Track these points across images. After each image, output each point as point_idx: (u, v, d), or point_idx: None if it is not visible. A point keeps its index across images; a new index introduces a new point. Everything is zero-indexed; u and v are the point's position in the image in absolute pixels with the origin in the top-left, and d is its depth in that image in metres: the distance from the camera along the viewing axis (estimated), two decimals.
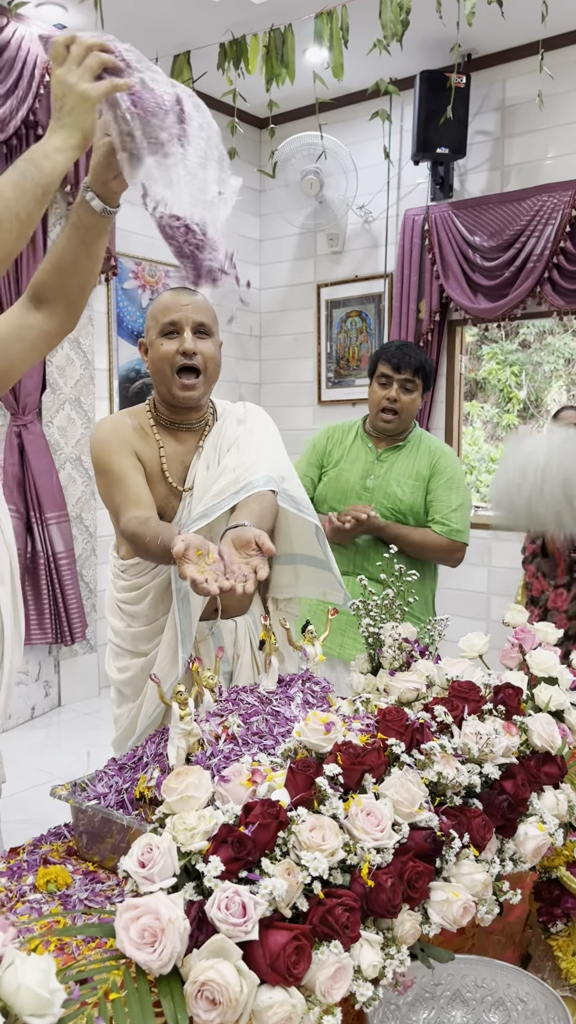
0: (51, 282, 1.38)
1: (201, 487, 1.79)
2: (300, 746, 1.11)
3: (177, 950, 0.83)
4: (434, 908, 1.04)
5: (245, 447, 1.83)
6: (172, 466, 1.83)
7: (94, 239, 1.35)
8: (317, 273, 5.10)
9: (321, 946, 0.90)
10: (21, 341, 1.37)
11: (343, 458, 2.64)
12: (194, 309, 1.76)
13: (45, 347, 1.42)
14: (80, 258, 1.36)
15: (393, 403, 2.48)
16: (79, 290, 1.40)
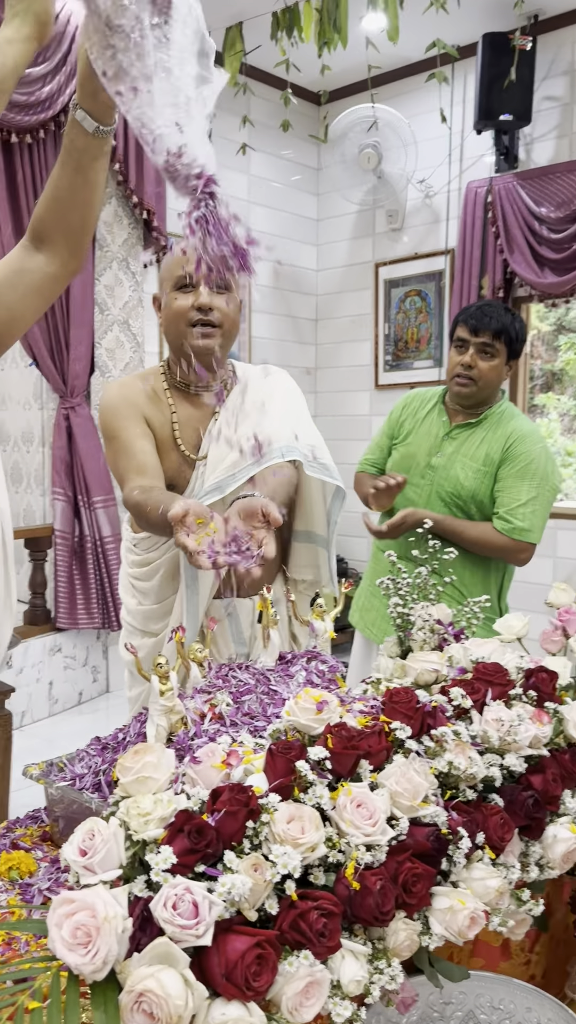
0: (49, 218, 1.27)
1: (216, 457, 1.68)
2: (291, 728, 0.98)
3: (114, 953, 0.71)
4: (436, 917, 0.90)
5: (265, 414, 1.71)
6: (185, 433, 1.72)
7: (89, 163, 1.23)
8: (376, 252, 4.93)
9: (290, 956, 0.77)
10: (22, 286, 1.27)
11: (414, 430, 2.39)
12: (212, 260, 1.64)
13: (49, 292, 1.32)
14: (77, 187, 1.25)
15: (468, 370, 2.21)
16: (80, 224, 1.29)
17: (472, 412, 2.32)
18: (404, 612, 1.56)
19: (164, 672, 1.03)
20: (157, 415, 1.71)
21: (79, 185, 1.25)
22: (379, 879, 0.84)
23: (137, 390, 1.71)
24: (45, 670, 3.87)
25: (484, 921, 0.91)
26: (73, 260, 1.32)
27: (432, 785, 0.97)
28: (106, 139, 1.25)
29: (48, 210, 1.27)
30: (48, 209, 1.27)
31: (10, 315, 1.28)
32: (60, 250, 1.29)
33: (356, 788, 0.89)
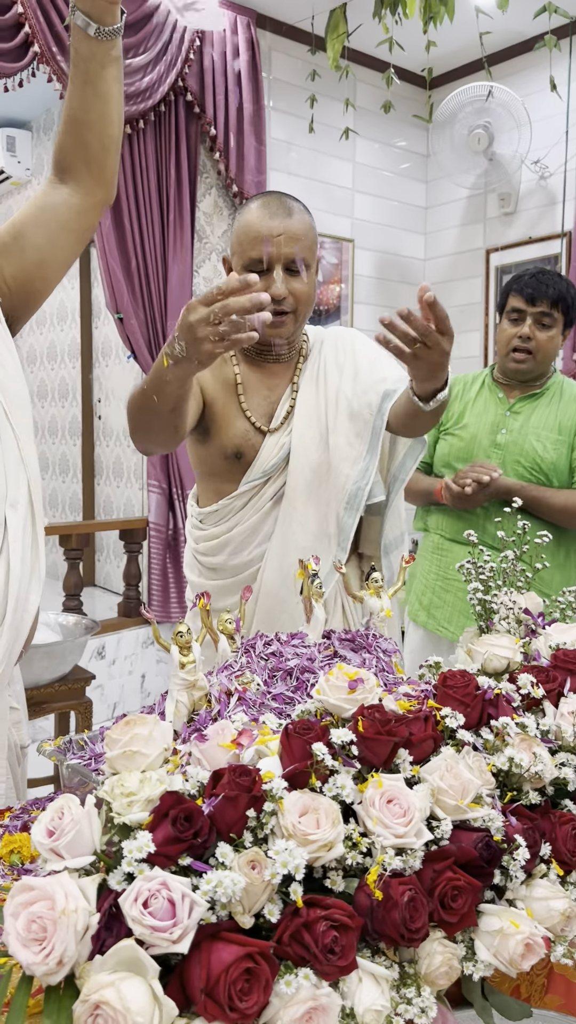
0: (67, 143, 1.19)
1: (305, 425, 1.59)
2: (321, 710, 0.85)
3: (71, 953, 0.60)
4: (483, 940, 0.75)
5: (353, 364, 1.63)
6: (253, 401, 1.62)
7: (98, 72, 1.14)
8: (487, 238, 4.71)
9: (289, 974, 0.64)
10: (49, 223, 1.20)
11: (466, 412, 2.26)
12: (288, 240, 1.49)
13: (78, 227, 1.24)
14: (88, 102, 1.16)
15: (526, 342, 2.09)
16: (99, 145, 1.20)
17: (531, 384, 2.20)
18: (485, 599, 1.40)
19: (185, 642, 0.92)
20: (219, 376, 1.61)
21: (90, 99, 1.16)
22: (409, 889, 0.69)
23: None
24: (137, 662, 3.85)
25: (543, 950, 0.75)
26: (99, 188, 1.24)
27: (488, 784, 0.82)
28: (112, 43, 1.15)
29: (65, 134, 1.19)
30: (65, 133, 1.19)
31: (40, 256, 1.20)
32: (83, 178, 1.21)
33: (388, 780, 0.75)
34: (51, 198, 1.21)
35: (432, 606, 2.29)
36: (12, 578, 1.16)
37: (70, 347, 5.55)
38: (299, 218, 1.52)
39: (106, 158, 1.23)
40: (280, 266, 1.49)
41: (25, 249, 1.26)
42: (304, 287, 1.53)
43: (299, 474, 1.59)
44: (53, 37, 3.20)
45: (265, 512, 1.62)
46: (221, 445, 1.61)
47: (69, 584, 3.58)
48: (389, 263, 4.85)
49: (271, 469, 1.60)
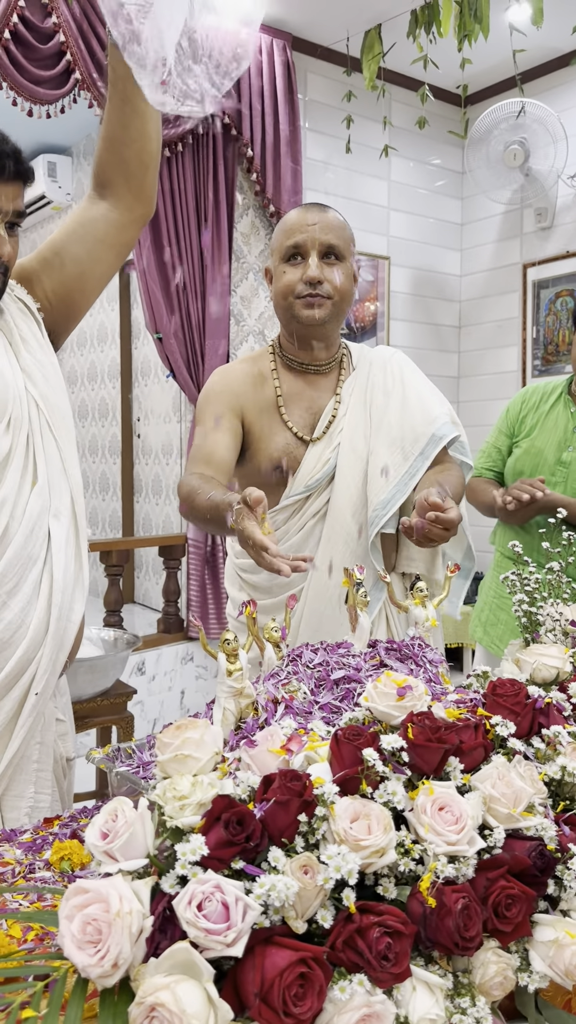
0: (107, 159, 1.23)
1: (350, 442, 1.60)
2: (369, 717, 0.85)
3: (126, 955, 0.60)
4: (537, 950, 0.74)
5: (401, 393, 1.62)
6: (294, 412, 1.63)
7: (134, 91, 1.17)
8: (523, 253, 4.70)
9: (343, 980, 0.63)
10: (89, 238, 1.23)
11: (538, 425, 2.20)
12: (322, 229, 1.55)
13: (117, 241, 1.27)
14: (127, 119, 1.19)
15: None
16: (137, 161, 1.23)
17: None
18: (531, 611, 1.39)
19: (232, 650, 0.92)
20: (261, 397, 1.62)
21: (128, 116, 1.19)
22: (462, 897, 0.69)
23: (241, 374, 1.64)
24: (177, 678, 3.86)
25: None
26: (138, 204, 1.27)
27: (540, 793, 0.81)
28: None
29: (104, 151, 1.23)
30: (104, 150, 1.23)
31: (80, 270, 1.23)
32: (122, 193, 1.24)
33: (439, 788, 0.74)
34: (90, 213, 1.24)
35: (488, 623, 2.27)
36: (56, 589, 1.17)
37: (110, 367, 5.62)
38: (333, 215, 1.59)
39: (145, 174, 1.26)
40: (316, 252, 1.55)
41: (65, 263, 1.29)
42: (340, 277, 1.57)
43: (344, 491, 1.59)
44: (94, 64, 3.27)
45: (308, 530, 1.61)
46: (264, 459, 1.62)
47: (110, 600, 3.61)
48: (425, 280, 4.86)
49: (314, 484, 1.60)
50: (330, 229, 1.56)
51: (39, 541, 1.21)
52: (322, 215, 1.57)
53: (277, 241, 1.59)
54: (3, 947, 0.72)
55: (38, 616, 1.21)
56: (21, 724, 1.22)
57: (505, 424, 2.30)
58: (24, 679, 1.21)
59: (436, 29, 3.63)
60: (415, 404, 1.63)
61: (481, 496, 2.23)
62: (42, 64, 3.19)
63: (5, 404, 1.17)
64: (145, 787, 0.90)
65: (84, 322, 5.88)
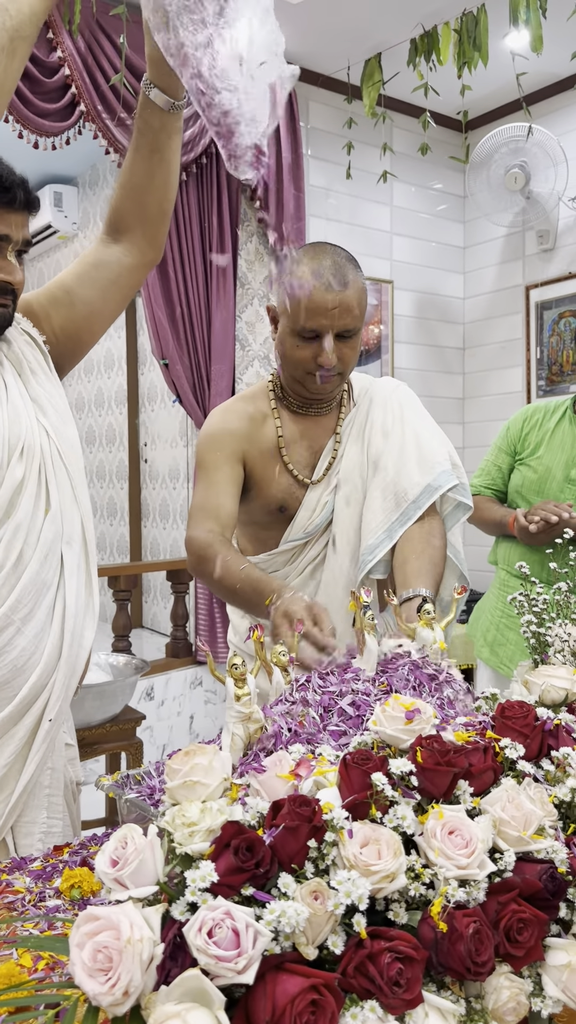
0: (126, 206, 1.25)
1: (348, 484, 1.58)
2: (379, 741, 0.85)
3: (137, 983, 0.60)
4: (550, 975, 0.73)
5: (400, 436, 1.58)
6: (295, 453, 1.61)
7: (165, 142, 1.21)
8: (526, 275, 4.73)
9: (354, 1007, 0.63)
10: (101, 280, 1.25)
11: (543, 443, 2.20)
12: (341, 313, 1.46)
13: (127, 284, 1.29)
14: (154, 168, 1.22)
15: None
16: (158, 209, 1.26)
17: None
18: (539, 632, 1.39)
19: (240, 675, 0.92)
20: (262, 438, 1.60)
21: (156, 165, 1.22)
22: (473, 921, 0.68)
23: (240, 415, 1.61)
24: (186, 703, 3.86)
25: None
26: (151, 249, 1.29)
27: (550, 815, 0.81)
28: (179, 115, 1.22)
29: (125, 198, 1.25)
30: (125, 197, 1.25)
31: (89, 310, 1.25)
32: (138, 239, 1.27)
33: (449, 811, 0.74)
34: (104, 256, 1.26)
35: (496, 643, 2.26)
36: (68, 614, 1.18)
37: (117, 393, 5.66)
38: (353, 287, 1.48)
39: (162, 222, 1.29)
40: (331, 336, 1.47)
41: (75, 303, 1.31)
42: (352, 351, 1.53)
43: (343, 535, 1.58)
44: (99, 96, 3.33)
45: (307, 575, 1.61)
46: (264, 501, 1.61)
47: (118, 625, 3.61)
48: (429, 303, 4.89)
49: (313, 530, 1.59)
50: (347, 311, 1.47)
51: (52, 567, 1.22)
52: (342, 295, 1.46)
53: (289, 308, 1.49)
54: (14, 976, 0.72)
55: (51, 642, 1.22)
56: (35, 750, 1.22)
57: (505, 443, 2.30)
58: (37, 705, 1.22)
59: (436, 57, 3.68)
60: (412, 449, 1.58)
61: (485, 515, 2.23)
62: (47, 97, 3.25)
63: (19, 434, 1.19)
64: (154, 814, 0.90)
65: (92, 349, 5.93)
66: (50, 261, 6.26)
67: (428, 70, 3.71)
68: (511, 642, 2.21)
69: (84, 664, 1.32)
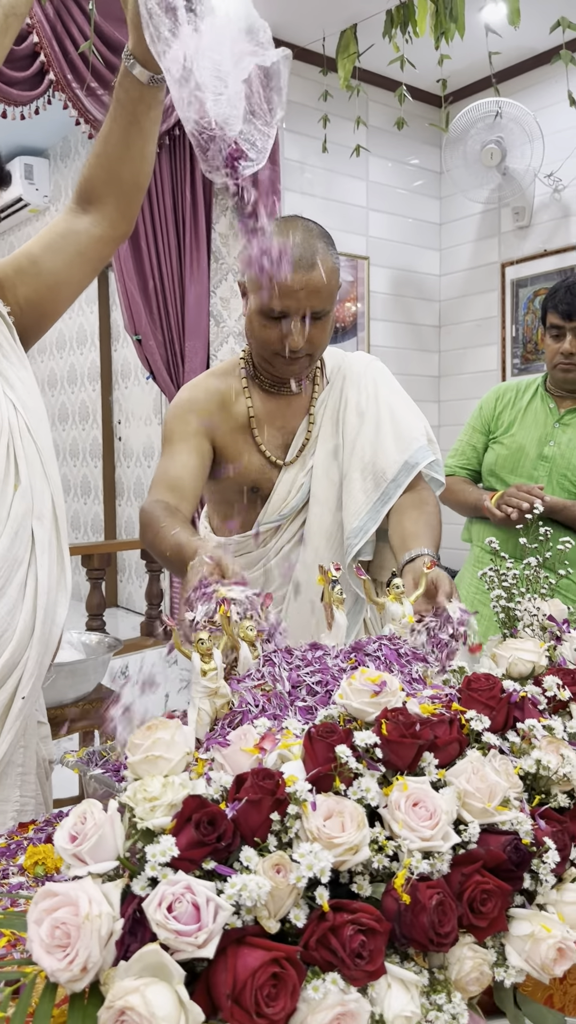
0: (100, 176, 1.22)
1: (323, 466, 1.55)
2: (345, 715, 0.85)
3: (96, 959, 0.59)
4: (513, 945, 0.73)
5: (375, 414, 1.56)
6: (267, 434, 1.58)
7: (144, 114, 1.18)
8: (502, 252, 4.72)
9: (316, 979, 0.63)
10: (69, 250, 1.22)
11: (516, 422, 2.21)
12: (308, 295, 1.40)
13: (96, 256, 1.26)
14: (131, 139, 1.19)
15: (569, 358, 2.06)
16: (132, 181, 1.23)
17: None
18: (509, 607, 1.39)
19: (207, 649, 0.91)
20: (231, 416, 1.56)
21: (134, 137, 1.19)
22: (437, 893, 0.68)
23: (210, 391, 1.57)
24: (161, 682, 3.84)
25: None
26: (123, 222, 1.26)
27: (515, 787, 0.81)
28: (160, 88, 1.19)
29: (98, 167, 1.22)
30: (98, 166, 1.22)
31: (55, 280, 1.23)
32: (110, 211, 1.24)
33: (413, 783, 0.74)
34: (73, 226, 1.23)
35: None
36: (41, 591, 1.16)
37: (90, 370, 5.60)
38: (322, 266, 1.42)
39: (136, 195, 1.26)
40: (299, 318, 1.42)
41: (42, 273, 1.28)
42: (321, 332, 1.47)
43: (319, 517, 1.56)
44: (68, 65, 3.26)
45: (284, 555, 1.59)
46: (236, 480, 1.58)
47: (92, 604, 3.59)
48: (405, 280, 4.87)
49: (288, 512, 1.57)
50: (316, 293, 1.41)
51: (24, 543, 1.20)
52: (310, 275, 1.39)
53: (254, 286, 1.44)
54: None
55: (24, 619, 1.20)
56: (8, 729, 1.21)
57: (479, 422, 2.30)
58: (10, 683, 1.20)
59: (412, 29, 3.64)
60: (388, 427, 1.56)
61: (460, 496, 2.23)
62: (15, 65, 3.18)
63: None
64: (119, 790, 0.89)
65: (63, 324, 5.86)
66: (21, 235, 6.16)
67: (404, 42, 3.66)
68: (485, 618, 2.21)
69: (57, 641, 1.30)
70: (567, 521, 2.01)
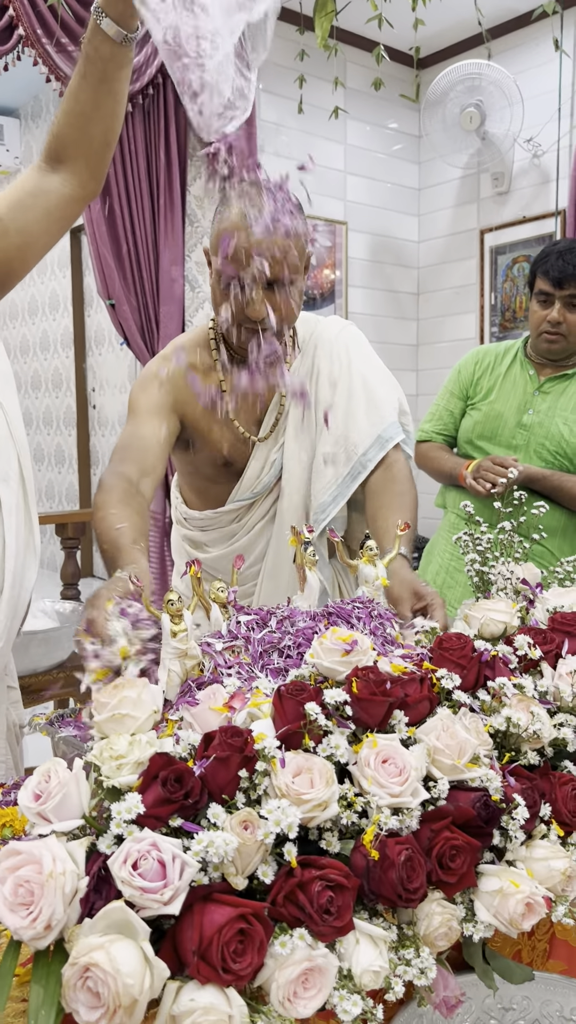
0: (69, 134, 1.18)
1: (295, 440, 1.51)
2: (316, 674, 0.84)
3: (59, 916, 0.59)
4: (482, 900, 0.74)
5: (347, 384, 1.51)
6: (239, 409, 1.52)
7: (115, 73, 1.14)
8: (480, 218, 4.68)
9: (284, 935, 0.62)
10: (37, 209, 1.19)
11: (495, 388, 2.17)
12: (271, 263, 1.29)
13: (64, 215, 1.23)
14: (101, 98, 1.15)
15: (557, 326, 2.02)
16: (102, 140, 1.20)
17: (563, 364, 2.12)
18: (483, 571, 1.39)
19: (177, 611, 0.90)
20: (202, 391, 1.50)
21: (103, 96, 1.16)
22: (406, 849, 0.68)
23: (180, 364, 1.49)
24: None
25: (544, 909, 0.74)
26: (92, 181, 1.23)
27: (485, 744, 0.81)
28: (131, 47, 1.15)
29: (68, 126, 1.18)
30: (68, 124, 1.18)
31: (23, 239, 1.19)
32: (79, 169, 1.21)
33: (383, 740, 0.73)
34: (41, 184, 1.20)
35: (445, 586, 2.26)
36: (9, 554, 1.14)
37: (63, 336, 5.52)
38: (284, 231, 1.30)
39: (106, 153, 1.23)
40: (259, 286, 1.31)
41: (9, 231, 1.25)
42: (286, 303, 1.35)
43: (292, 494, 1.53)
44: (38, 19, 3.17)
45: (257, 532, 1.56)
46: (209, 455, 1.53)
47: (67, 573, 3.56)
48: (383, 246, 4.82)
49: (261, 489, 1.54)
50: (277, 262, 1.29)
51: None
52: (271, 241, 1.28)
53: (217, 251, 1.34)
54: None
55: None
56: None
57: (457, 386, 2.26)
58: None
59: None
60: (361, 398, 1.51)
61: (436, 464, 2.21)
62: None
63: None
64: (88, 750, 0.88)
65: (35, 289, 5.76)
66: None
67: (383, 1, 3.59)
68: (460, 584, 2.21)
69: (26, 605, 1.28)
70: (544, 491, 2.00)
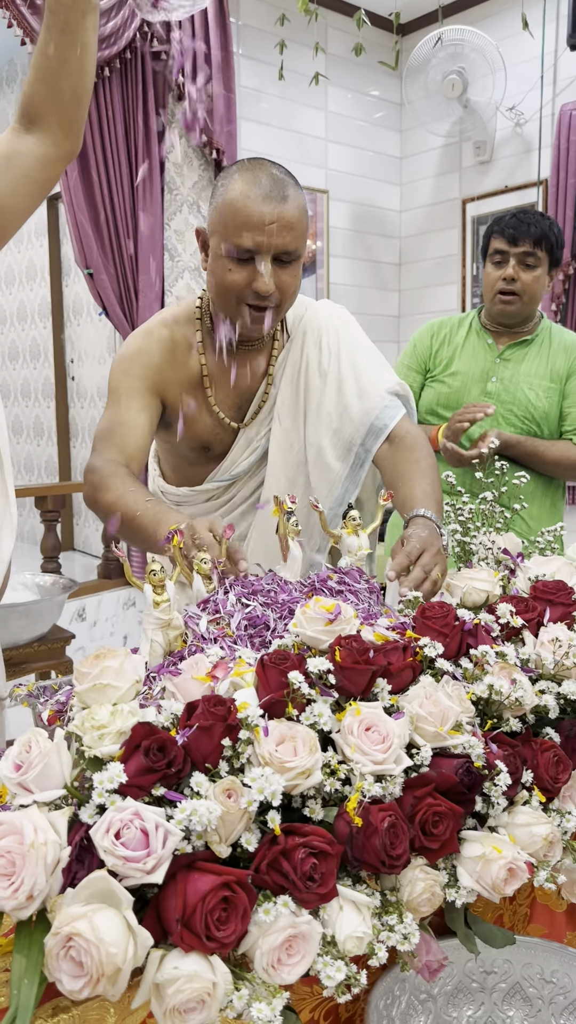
0: (39, 91, 1.15)
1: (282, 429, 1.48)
2: (300, 644, 0.83)
3: (42, 887, 0.58)
4: (465, 866, 0.74)
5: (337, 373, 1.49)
6: (221, 394, 1.49)
7: (78, 21, 1.11)
8: (463, 188, 4.64)
9: (267, 903, 0.62)
10: (12, 171, 1.16)
11: (454, 358, 2.16)
12: (280, 229, 1.29)
13: (41, 177, 1.19)
14: (66, 50, 1.12)
15: (511, 283, 2.01)
16: (72, 95, 1.16)
17: (519, 330, 2.14)
18: (464, 541, 1.39)
19: (159, 581, 0.89)
20: (183, 372, 1.46)
21: (68, 47, 1.12)
22: (389, 815, 0.68)
23: (161, 341, 1.46)
24: (119, 624, 3.83)
25: (526, 875, 0.74)
26: (67, 140, 1.20)
27: (467, 712, 0.81)
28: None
29: (37, 82, 1.15)
30: (37, 81, 1.15)
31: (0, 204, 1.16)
32: (52, 128, 1.17)
33: (366, 708, 0.73)
34: (16, 146, 1.17)
35: None
36: None
37: (40, 306, 5.44)
38: (293, 202, 1.31)
39: (78, 109, 1.19)
40: (269, 258, 1.31)
41: None
42: (292, 279, 1.36)
43: (277, 480, 1.51)
44: None
45: (239, 516, 1.55)
46: (188, 438, 1.50)
47: (47, 546, 3.54)
48: (365, 215, 4.78)
49: (240, 473, 1.52)
50: (290, 227, 1.29)
51: None
52: (281, 207, 1.28)
53: (223, 226, 1.30)
54: None
55: None
56: None
57: (415, 360, 2.24)
58: None
59: None
60: (352, 388, 1.49)
61: None
62: None
63: None
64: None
65: (11, 258, 5.66)
66: None
67: None
68: None
69: (4, 576, 1.27)
70: (519, 457, 2.00)
